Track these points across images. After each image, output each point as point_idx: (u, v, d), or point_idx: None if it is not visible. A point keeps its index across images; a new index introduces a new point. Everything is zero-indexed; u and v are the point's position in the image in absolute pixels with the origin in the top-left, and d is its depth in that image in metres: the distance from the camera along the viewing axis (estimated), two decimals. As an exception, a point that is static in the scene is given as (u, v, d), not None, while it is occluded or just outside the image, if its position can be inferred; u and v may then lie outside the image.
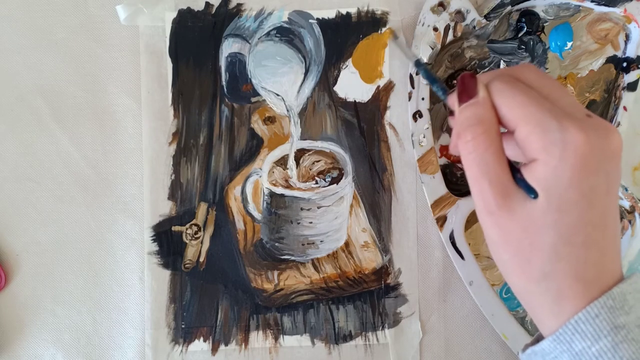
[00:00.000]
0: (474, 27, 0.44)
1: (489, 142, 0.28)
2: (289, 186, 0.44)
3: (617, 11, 0.43)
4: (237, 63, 0.44)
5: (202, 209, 0.45)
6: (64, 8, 0.44)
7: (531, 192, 0.28)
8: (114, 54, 0.45)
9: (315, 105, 0.45)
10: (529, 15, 0.44)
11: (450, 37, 0.44)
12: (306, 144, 0.45)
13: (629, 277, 0.28)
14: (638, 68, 0.44)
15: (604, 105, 0.45)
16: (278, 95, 0.45)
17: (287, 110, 0.45)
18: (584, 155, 0.26)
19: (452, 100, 0.31)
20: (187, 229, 0.44)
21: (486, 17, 0.43)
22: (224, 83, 0.44)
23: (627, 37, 0.45)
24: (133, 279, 0.44)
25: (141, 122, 0.44)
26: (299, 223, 0.44)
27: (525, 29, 0.44)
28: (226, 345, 0.44)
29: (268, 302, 0.44)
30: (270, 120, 0.45)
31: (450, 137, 0.33)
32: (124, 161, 0.45)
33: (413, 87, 0.44)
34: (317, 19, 0.44)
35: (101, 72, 0.45)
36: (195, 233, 0.44)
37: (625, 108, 0.44)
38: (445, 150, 0.45)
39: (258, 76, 0.44)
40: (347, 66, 0.45)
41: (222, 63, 0.44)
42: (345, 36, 0.45)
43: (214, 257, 0.44)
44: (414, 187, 0.45)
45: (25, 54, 0.44)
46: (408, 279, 0.45)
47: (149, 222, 0.44)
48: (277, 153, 0.45)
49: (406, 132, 0.45)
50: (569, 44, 0.45)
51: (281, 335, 0.44)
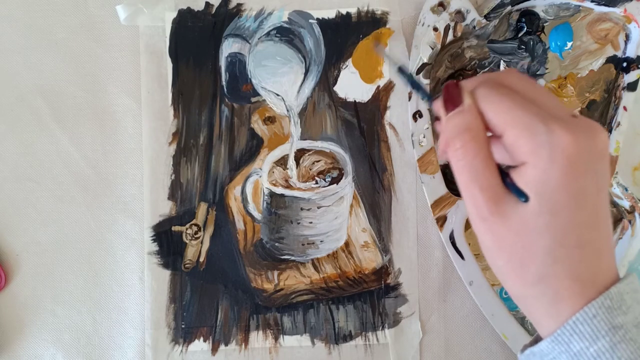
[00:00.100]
0: (474, 27, 0.44)
1: (478, 149, 0.28)
2: (289, 186, 0.44)
3: (617, 11, 0.43)
4: (237, 63, 0.44)
5: (202, 209, 0.45)
6: (64, 8, 0.44)
7: (522, 195, 0.28)
8: (114, 54, 0.45)
9: (315, 105, 0.45)
10: (529, 15, 0.44)
11: (450, 37, 0.44)
12: (306, 144, 0.45)
13: (626, 277, 0.28)
14: (638, 68, 0.44)
15: (604, 105, 0.45)
16: (278, 95, 0.45)
17: (287, 110, 0.45)
18: (572, 156, 0.26)
19: (438, 106, 0.31)
20: (187, 229, 0.44)
21: (486, 17, 0.43)
22: (224, 83, 0.44)
23: (627, 37, 0.45)
24: (133, 279, 0.44)
25: (141, 122, 0.44)
26: (299, 223, 0.44)
27: (525, 29, 0.44)
28: (226, 345, 0.44)
29: (268, 302, 0.44)
30: (270, 120, 0.45)
31: (437, 142, 0.33)
32: (124, 161, 0.45)
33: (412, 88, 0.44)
34: (317, 19, 0.44)
35: (101, 72, 0.45)
36: (195, 233, 0.44)
37: (625, 108, 0.44)
38: (445, 150, 0.45)
39: (258, 76, 0.44)
40: (347, 66, 0.45)
41: (222, 63, 0.44)
42: (345, 36, 0.45)
43: (214, 257, 0.44)
44: (414, 187, 0.45)
45: (25, 54, 0.44)
46: (408, 279, 0.45)
47: (149, 222, 0.44)
48: (277, 153, 0.45)
49: (406, 132, 0.45)
50: (569, 44, 0.45)
51: (281, 335, 0.44)
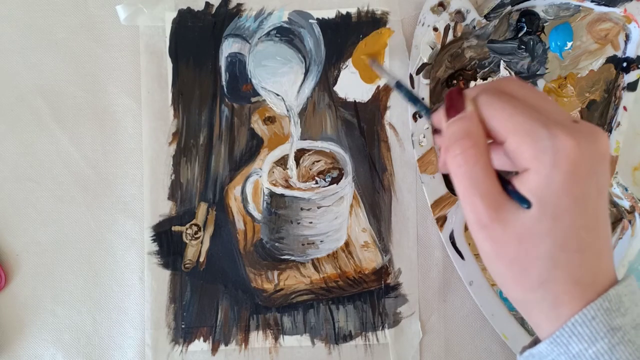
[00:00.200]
0: (474, 27, 0.44)
1: (478, 156, 0.28)
2: (289, 186, 0.44)
3: (617, 11, 0.43)
4: (237, 63, 0.44)
5: (202, 209, 0.45)
6: (64, 8, 0.44)
7: (524, 202, 0.27)
8: (114, 54, 0.45)
9: (315, 105, 0.45)
10: (529, 15, 0.44)
11: (450, 37, 0.44)
12: (306, 144, 0.45)
13: (624, 279, 0.28)
14: (638, 68, 0.44)
15: (604, 105, 0.45)
16: (278, 95, 0.45)
17: (287, 110, 0.45)
18: (575, 161, 0.26)
19: (437, 118, 0.31)
20: (187, 229, 0.44)
21: (486, 17, 0.43)
22: (224, 83, 0.44)
23: (627, 37, 0.45)
24: (133, 279, 0.44)
25: (141, 122, 0.44)
26: (299, 223, 0.44)
27: (525, 29, 0.44)
28: (226, 345, 0.44)
29: (268, 302, 0.44)
30: (270, 120, 0.45)
31: (439, 154, 0.33)
32: (124, 161, 0.45)
33: (413, 87, 0.44)
34: (317, 19, 0.44)
35: (101, 72, 0.45)
36: (195, 233, 0.44)
37: (625, 108, 0.44)
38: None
39: (258, 76, 0.44)
40: (347, 66, 0.45)
41: (222, 63, 0.44)
42: (345, 36, 0.45)
43: (214, 257, 0.44)
44: (414, 187, 0.45)
45: (25, 54, 0.44)
46: (408, 279, 0.45)
47: (149, 222, 0.44)
48: (277, 153, 0.45)
49: (406, 132, 0.45)
50: (569, 44, 0.45)
51: (281, 335, 0.44)
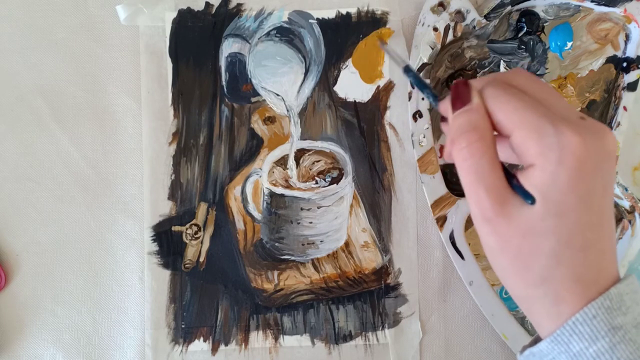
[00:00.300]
0: (474, 27, 0.44)
1: (484, 149, 0.28)
2: (289, 186, 0.44)
3: (617, 11, 0.43)
4: (237, 63, 0.44)
5: (202, 209, 0.45)
6: (64, 8, 0.44)
7: (528, 198, 0.27)
8: (114, 54, 0.45)
9: (315, 105, 0.45)
10: (529, 15, 0.44)
11: (450, 37, 0.44)
12: (306, 144, 0.45)
13: (625, 277, 0.28)
14: (638, 68, 0.44)
15: (604, 105, 0.45)
16: (278, 95, 0.45)
17: (287, 110, 0.45)
18: (581, 158, 0.26)
19: (444, 106, 0.31)
20: (187, 229, 0.44)
21: (486, 17, 0.43)
22: (224, 83, 0.44)
23: (627, 37, 0.45)
24: (133, 279, 0.44)
25: (141, 122, 0.44)
26: (299, 223, 0.44)
27: (525, 29, 0.44)
28: (226, 345, 0.44)
29: (268, 302, 0.44)
30: (270, 120, 0.45)
31: (445, 143, 0.33)
32: (124, 161, 0.45)
33: (413, 87, 0.44)
34: (317, 19, 0.44)
35: (101, 72, 0.45)
36: (195, 233, 0.44)
37: (625, 108, 0.44)
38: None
39: (258, 76, 0.44)
40: (347, 66, 0.45)
41: (222, 63, 0.44)
42: (345, 36, 0.45)
43: (214, 257, 0.44)
44: (414, 187, 0.45)
45: (25, 54, 0.44)
46: (408, 279, 0.45)
47: (149, 222, 0.44)
48: (277, 153, 0.45)
49: (406, 132, 0.45)
50: (569, 44, 0.45)
51: (281, 335, 0.44)
